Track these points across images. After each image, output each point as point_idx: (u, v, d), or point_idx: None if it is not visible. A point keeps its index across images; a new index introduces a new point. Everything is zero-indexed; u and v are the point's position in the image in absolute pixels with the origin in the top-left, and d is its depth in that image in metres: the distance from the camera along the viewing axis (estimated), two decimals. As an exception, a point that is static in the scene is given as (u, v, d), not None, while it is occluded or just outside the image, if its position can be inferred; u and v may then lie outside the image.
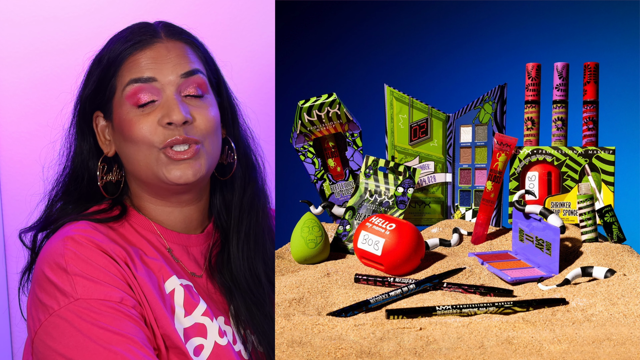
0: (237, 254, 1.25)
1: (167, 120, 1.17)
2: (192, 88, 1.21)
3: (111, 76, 1.20)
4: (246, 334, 1.21)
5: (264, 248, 1.28)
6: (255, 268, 1.25)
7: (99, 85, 1.21)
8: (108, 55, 1.21)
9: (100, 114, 1.23)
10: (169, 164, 1.18)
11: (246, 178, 1.29)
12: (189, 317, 1.17)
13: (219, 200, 1.29)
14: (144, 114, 1.18)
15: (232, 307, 1.23)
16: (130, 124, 1.18)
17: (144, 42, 1.21)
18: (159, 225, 1.24)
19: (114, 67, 1.20)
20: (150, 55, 1.20)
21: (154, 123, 1.18)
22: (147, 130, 1.18)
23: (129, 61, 1.20)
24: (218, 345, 1.17)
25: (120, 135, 1.20)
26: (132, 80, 1.19)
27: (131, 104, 1.19)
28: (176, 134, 1.18)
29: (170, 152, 1.18)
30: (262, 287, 1.25)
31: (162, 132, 1.18)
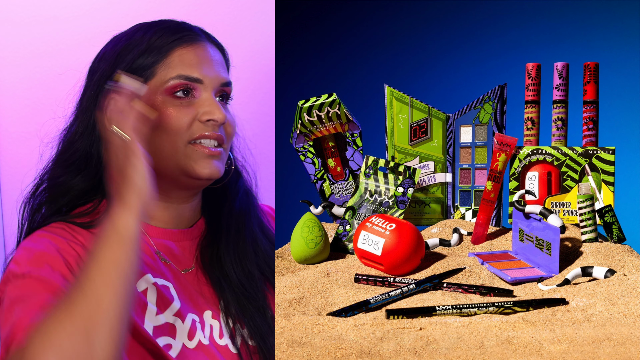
0: (226, 250, 1.26)
1: (209, 117, 1.19)
2: (224, 92, 1.24)
3: (151, 64, 1.20)
4: (235, 327, 1.21)
5: (256, 245, 1.28)
6: (247, 264, 1.26)
7: (130, 71, 1.20)
8: (147, 45, 1.21)
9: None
10: (199, 158, 1.19)
11: (235, 182, 1.31)
12: (161, 315, 1.17)
13: (210, 201, 1.31)
14: (182, 106, 1.19)
15: (222, 301, 1.23)
16: (166, 112, 1.19)
17: (191, 39, 1.22)
18: (149, 224, 1.24)
19: (156, 56, 1.20)
20: (197, 53, 1.22)
21: (191, 116, 1.19)
22: (185, 122, 1.19)
23: (177, 54, 1.21)
24: (185, 347, 1.17)
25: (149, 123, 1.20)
26: (180, 76, 1.20)
27: (167, 94, 1.19)
28: (210, 130, 1.20)
29: (200, 147, 1.19)
30: (254, 282, 1.25)
31: (198, 126, 1.19)
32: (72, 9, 1.64)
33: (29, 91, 1.63)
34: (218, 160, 1.21)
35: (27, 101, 1.63)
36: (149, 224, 1.24)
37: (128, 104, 1.12)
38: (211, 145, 1.20)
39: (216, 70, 1.22)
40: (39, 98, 1.63)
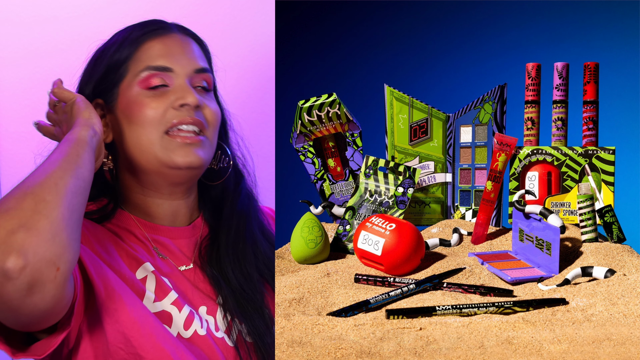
0: (225, 252, 1.26)
1: (181, 102, 1.20)
2: (201, 81, 1.24)
3: (123, 61, 1.22)
4: (233, 322, 1.21)
5: (256, 247, 1.28)
6: (246, 266, 1.26)
7: (108, 70, 1.23)
8: (122, 41, 1.23)
9: (100, 101, 1.24)
10: (175, 147, 1.19)
11: (237, 183, 1.31)
12: (159, 303, 1.17)
13: (209, 202, 1.31)
14: (155, 96, 1.20)
15: (219, 297, 1.23)
16: (140, 105, 1.20)
17: (160, 32, 1.24)
18: (145, 220, 1.24)
19: (127, 50, 1.23)
20: (166, 43, 1.23)
21: (165, 104, 1.20)
22: (158, 111, 1.20)
23: (145, 47, 1.22)
24: (180, 337, 1.17)
25: (125, 118, 1.21)
26: (148, 67, 1.21)
27: (142, 87, 1.21)
28: (185, 115, 1.20)
29: (176, 133, 1.20)
30: (253, 284, 1.25)
31: (172, 113, 1.20)
32: (72, 9, 1.64)
33: (29, 91, 1.63)
34: (199, 148, 1.21)
35: (27, 101, 1.63)
36: (143, 219, 1.24)
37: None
38: (190, 131, 1.20)
39: (188, 58, 1.23)
40: (39, 98, 1.63)
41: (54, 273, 0.94)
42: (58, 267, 0.95)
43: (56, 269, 0.95)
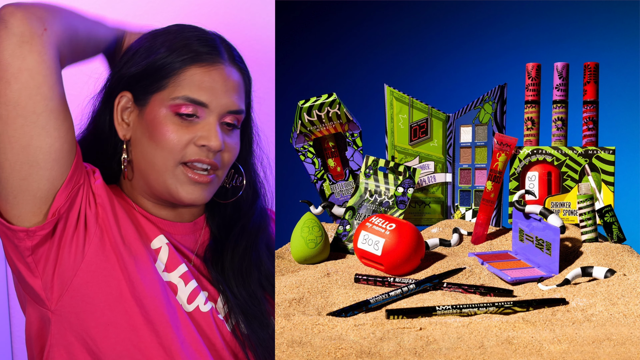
0: (230, 267, 1.27)
1: (203, 143, 1.19)
2: (232, 120, 1.23)
3: (165, 76, 1.20)
4: (231, 313, 1.23)
5: (260, 264, 1.29)
6: (250, 284, 1.27)
7: (148, 71, 1.20)
8: (172, 49, 1.20)
9: (129, 95, 1.22)
10: (184, 182, 1.20)
11: (252, 202, 1.31)
12: (167, 273, 1.19)
13: (219, 217, 1.31)
14: (182, 125, 1.19)
15: (220, 286, 1.25)
16: (165, 127, 1.19)
17: (209, 59, 1.21)
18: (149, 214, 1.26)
19: (171, 68, 1.20)
20: (211, 75, 1.20)
21: (189, 137, 1.19)
22: (180, 141, 1.19)
23: (190, 72, 1.19)
24: (182, 309, 1.19)
25: (148, 131, 1.20)
26: (186, 97, 1.19)
27: (172, 111, 1.19)
28: (204, 156, 1.20)
29: (189, 171, 1.20)
30: (257, 301, 1.26)
31: (192, 149, 1.19)
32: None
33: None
34: (206, 188, 1.21)
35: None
36: (147, 212, 1.25)
37: None
38: (203, 169, 1.20)
39: (227, 97, 1.21)
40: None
41: (41, 30, 1.09)
42: (45, 27, 1.09)
43: (44, 29, 1.09)
